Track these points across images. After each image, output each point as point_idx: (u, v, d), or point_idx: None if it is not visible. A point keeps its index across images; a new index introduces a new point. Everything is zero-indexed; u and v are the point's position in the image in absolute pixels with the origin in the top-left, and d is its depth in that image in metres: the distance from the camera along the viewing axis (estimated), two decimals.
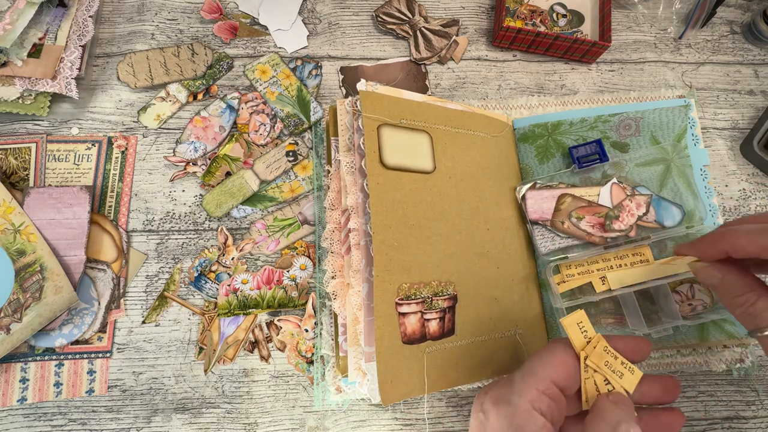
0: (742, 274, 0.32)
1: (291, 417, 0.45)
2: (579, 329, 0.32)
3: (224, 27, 0.54)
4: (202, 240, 0.48)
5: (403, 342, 0.37)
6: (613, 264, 0.44)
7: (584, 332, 0.32)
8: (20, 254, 0.43)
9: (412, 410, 0.45)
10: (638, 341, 0.33)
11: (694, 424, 0.46)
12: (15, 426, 0.43)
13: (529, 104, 0.53)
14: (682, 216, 0.45)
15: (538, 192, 0.47)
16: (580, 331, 0.32)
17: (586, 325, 0.32)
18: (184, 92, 0.52)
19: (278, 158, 0.51)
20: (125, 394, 0.45)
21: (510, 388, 0.31)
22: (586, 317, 0.32)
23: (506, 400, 0.30)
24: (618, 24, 0.58)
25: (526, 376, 0.31)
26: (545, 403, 0.30)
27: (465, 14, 0.58)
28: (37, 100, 0.49)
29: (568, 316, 0.32)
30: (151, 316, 0.46)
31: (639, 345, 0.33)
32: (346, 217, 0.42)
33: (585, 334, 0.32)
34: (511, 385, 0.31)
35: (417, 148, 0.42)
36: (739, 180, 0.53)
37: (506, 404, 0.30)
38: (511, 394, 0.31)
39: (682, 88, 0.56)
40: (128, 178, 0.49)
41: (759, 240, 0.30)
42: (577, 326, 0.32)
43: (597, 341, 0.32)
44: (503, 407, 0.30)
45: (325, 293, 0.46)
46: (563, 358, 0.32)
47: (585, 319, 0.32)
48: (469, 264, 0.42)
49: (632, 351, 0.33)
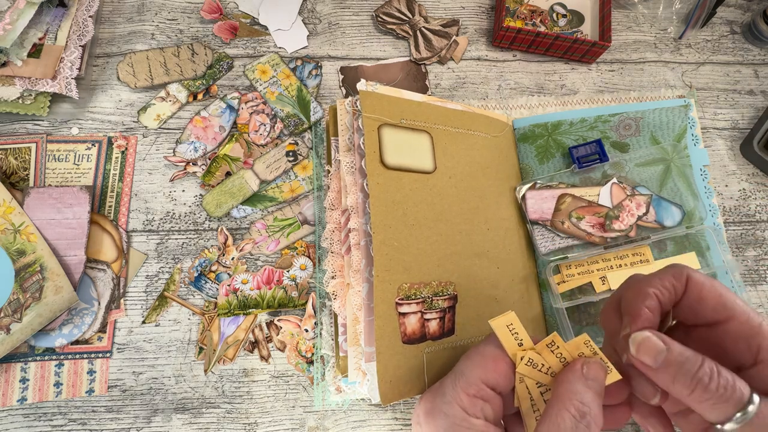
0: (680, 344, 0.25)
1: (291, 417, 0.45)
2: (510, 332, 0.30)
3: (224, 27, 0.54)
4: (202, 240, 0.48)
5: (403, 342, 0.37)
6: (613, 264, 0.44)
7: (515, 334, 0.30)
8: (20, 254, 0.43)
9: (412, 410, 0.45)
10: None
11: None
12: (15, 426, 0.43)
13: (529, 104, 0.53)
14: (682, 216, 0.45)
15: (538, 192, 0.47)
16: (510, 334, 0.30)
17: (517, 328, 0.30)
18: (184, 92, 0.52)
19: (278, 158, 0.51)
20: (125, 394, 0.45)
21: (442, 397, 0.30)
22: (517, 319, 0.30)
23: (439, 410, 0.30)
24: (618, 24, 0.58)
25: (457, 380, 0.30)
26: (479, 406, 0.29)
27: (465, 14, 0.58)
28: (37, 100, 0.49)
29: (496, 318, 0.30)
30: (151, 316, 0.46)
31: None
32: (346, 217, 0.42)
33: (516, 336, 0.30)
34: (443, 393, 0.31)
35: (417, 148, 0.42)
36: (739, 180, 0.53)
37: (440, 415, 0.30)
38: (443, 403, 0.30)
39: (682, 88, 0.56)
40: (128, 178, 0.49)
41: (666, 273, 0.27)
42: (507, 329, 0.30)
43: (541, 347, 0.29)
44: (438, 419, 0.30)
45: (325, 293, 0.46)
46: (493, 357, 0.30)
47: (516, 321, 0.30)
48: (469, 264, 0.42)
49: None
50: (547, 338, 0.29)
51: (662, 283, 0.27)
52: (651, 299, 0.27)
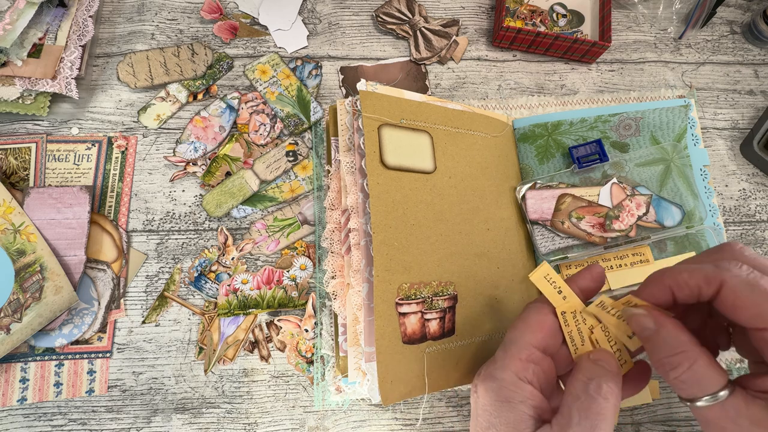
0: (678, 330, 0.27)
1: (291, 417, 0.45)
2: (549, 283, 0.32)
3: (224, 27, 0.54)
4: (202, 240, 0.48)
5: (403, 342, 0.37)
6: (613, 264, 0.44)
7: (552, 283, 0.32)
8: (20, 254, 0.43)
9: (412, 410, 0.45)
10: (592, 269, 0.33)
11: (694, 424, 0.46)
12: (15, 426, 0.43)
13: (529, 104, 0.53)
14: (682, 216, 0.45)
15: (538, 192, 0.47)
16: (549, 284, 0.32)
17: (553, 276, 0.32)
18: (184, 92, 0.52)
19: (278, 158, 0.51)
20: (125, 394, 0.44)
21: (494, 364, 0.32)
22: (552, 269, 0.32)
23: (492, 375, 0.31)
24: (618, 24, 0.58)
25: (507, 347, 0.32)
26: (530, 370, 0.30)
27: (465, 14, 0.58)
28: (37, 100, 0.49)
29: (534, 272, 0.32)
30: (151, 316, 0.46)
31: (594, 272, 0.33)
32: (346, 217, 0.42)
33: (554, 285, 0.32)
34: (494, 360, 0.32)
35: (417, 148, 0.42)
36: (739, 180, 0.53)
37: (492, 380, 0.31)
38: (495, 369, 0.31)
39: (682, 88, 0.56)
40: (128, 178, 0.49)
41: (699, 272, 0.27)
42: (546, 280, 0.32)
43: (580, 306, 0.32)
44: (490, 383, 0.31)
45: (325, 293, 0.46)
46: (537, 318, 0.32)
47: (551, 271, 0.32)
48: (469, 264, 0.42)
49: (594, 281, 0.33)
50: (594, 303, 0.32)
51: (688, 281, 0.27)
52: (664, 292, 0.28)
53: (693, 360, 0.26)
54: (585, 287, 0.33)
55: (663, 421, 0.46)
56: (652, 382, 0.45)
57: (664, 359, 0.27)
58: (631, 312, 0.29)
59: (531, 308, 0.33)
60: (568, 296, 0.32)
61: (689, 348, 0.26)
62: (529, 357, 0.31)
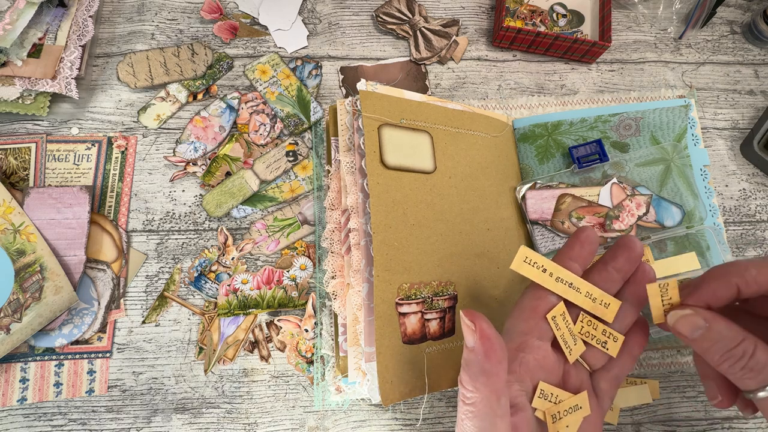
0: (729, 322, 0.27)
1: (291, 417, 0.45)
2: (530, 265, 0.31)
3: (224, 27, 0.54)
4: (202, 240, 0.48)
5: (403, 342, 0.37)
6: None
7: (534, 265, 0.30)
8: (20, 254, 0.43)
9: (412, 410, 0.45)
10: (578, 234, 0.32)
11: (694, 424, 0.46)
12: (15, 426, 0.43)
13: (529, 104, 0.53)
14: (682, 216, 0.45)
15: (538, 192, 0.47)
16: (531, 267, 0.30)
17: (533, 257, 0.30)
18: (184, 92, 0.52)
19: (278, 158, 0.51)
20: (125, 394, 0.44)
21: None
22: (530, 250, 0.31)
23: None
24: (618, 24, 0.58)
25: (503, 337, 0.31)
26: (518, 360, 0.30)
27: (465, 14, 0.58)
28: (37, 100, 0.49)
29: (513, 262, 0.31)
30: (151, 316, 0.46)
31: (582, 236, 0.32)
32: (346, 217, 0.42)
33: (536, 266, 0.30)
34: None
35: (417, 148, 0.42)
36: (739, 180, 0.53)
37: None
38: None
39: (682, 88, 0.56)
40: (128, 178, 0.49)
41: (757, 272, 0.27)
42: (527, 264, 0.31)
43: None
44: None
45: (325, 293, 0.46)
46: (531, 305, 0.32)
47: (529, 252, 0.31)
48: (469, 264, 0.42)
49: (582, 245, 0.32)
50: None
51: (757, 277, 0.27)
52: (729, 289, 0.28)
53: (753, 346, 0.26)
54: (576, 256, 0.32)
55: (663, 421, 0.46)
56: (652, 382, 0.45)
57: (726, 353, 0.26)
58: (677, 315, 0.28)
59: (525, 294, 0.33)
60: (554, 271, 0.31)
61: (747, 335, 0.26)
62: (521, 346, 0.31)
